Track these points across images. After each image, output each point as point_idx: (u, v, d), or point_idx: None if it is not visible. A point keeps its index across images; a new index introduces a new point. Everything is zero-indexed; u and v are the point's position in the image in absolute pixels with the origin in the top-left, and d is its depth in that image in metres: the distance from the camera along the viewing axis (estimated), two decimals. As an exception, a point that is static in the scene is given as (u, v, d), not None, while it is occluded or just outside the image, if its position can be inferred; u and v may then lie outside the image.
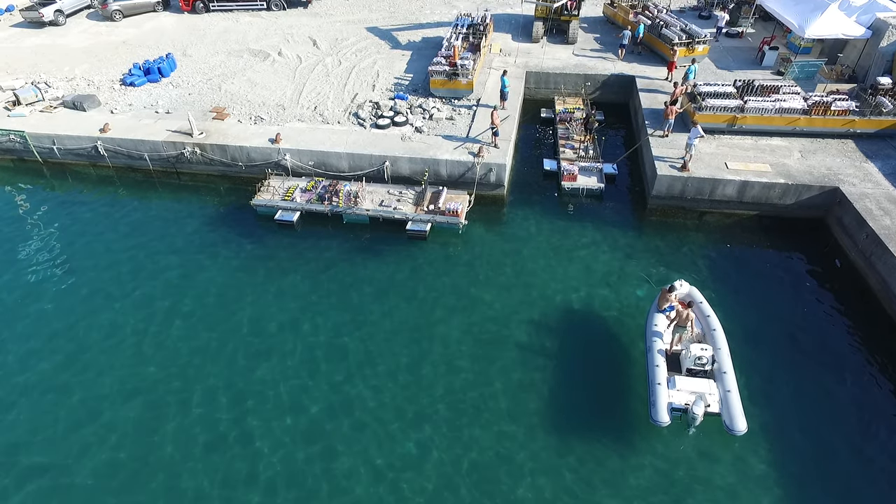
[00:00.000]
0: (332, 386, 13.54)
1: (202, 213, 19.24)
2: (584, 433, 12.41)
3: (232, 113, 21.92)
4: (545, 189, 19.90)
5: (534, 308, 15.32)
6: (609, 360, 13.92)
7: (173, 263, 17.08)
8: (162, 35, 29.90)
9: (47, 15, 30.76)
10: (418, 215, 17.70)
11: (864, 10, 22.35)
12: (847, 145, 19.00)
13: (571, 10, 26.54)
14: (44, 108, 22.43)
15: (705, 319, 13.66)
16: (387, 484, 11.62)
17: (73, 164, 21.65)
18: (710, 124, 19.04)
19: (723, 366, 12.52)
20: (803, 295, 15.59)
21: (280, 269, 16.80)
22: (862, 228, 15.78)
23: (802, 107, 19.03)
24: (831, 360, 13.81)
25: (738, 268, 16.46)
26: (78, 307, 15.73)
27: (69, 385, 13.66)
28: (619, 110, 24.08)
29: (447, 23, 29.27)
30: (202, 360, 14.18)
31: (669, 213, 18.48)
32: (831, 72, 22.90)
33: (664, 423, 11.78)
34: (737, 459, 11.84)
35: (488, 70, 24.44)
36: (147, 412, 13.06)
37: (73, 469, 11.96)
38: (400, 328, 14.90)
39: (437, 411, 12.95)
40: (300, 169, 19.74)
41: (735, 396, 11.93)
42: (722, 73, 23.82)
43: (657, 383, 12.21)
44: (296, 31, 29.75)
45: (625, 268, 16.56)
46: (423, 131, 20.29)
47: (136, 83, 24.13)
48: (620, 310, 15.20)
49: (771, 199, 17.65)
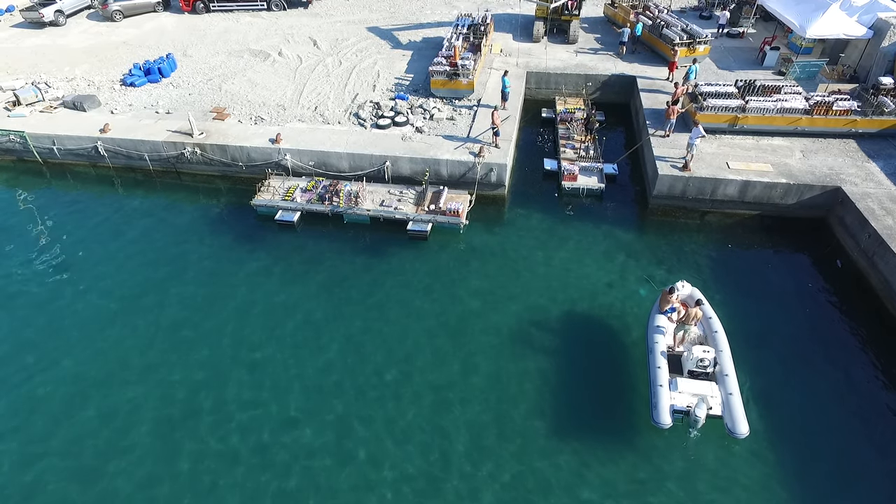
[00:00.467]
0: (331, 386, 13.49)
1: (202, 213, 19.21)
2: (585, 434, 12.35)
3: (232, 113, 21.89)
4: (546, 189, 19.84)
5: (535, 308, 15.27)
6: (610, 361, 13.87)
7: (173, 264, 17.02)
8: (162, 35, 29.88)
9: (47, 15, 30.77)
10: (419, 215, 17.66)
11: (866, 10, 22.35)
12: (849, 145, 18.95)
13: (572, 10, 26.52)
14: (44, 108, 22.42)
15: (707, 321, 13.63)
16: (377, 493, 11.56)
17: (73, 164, 21.62)
18: (711, 124, 19.01)
19: (725, 368, 12.48)
20: (805, 295, 15.53)
21: (280, 269, 16.76)
22: (864, 228, 15.73)
23: (804, 107, 19.00)
24: (833, 360, 13.75)
25: (740, 268, 16.40)
26: (76, 307, 15.68)
27: (62, 382, 13.62)
28: (620, 110, 24.04)
29: (448, 23, 29.27)
30: (200, 360, 14.13)
31: (671, 213, 18.43)
32: (832, 72, 22.86)
33: (666, 425, 11.75)
34: (738, 462, 11.77)
35: (489, 70, 24.42)
36: (150, 411, 13.02)
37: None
38: (399, 329, 14.84)
39: (434, 412, 12.89)
40: (300, 169, 19.71)
41: (737, 399, 11.90)
42: (723, 74, 23.78)
43: (659, 385, 12.17)
44: (296, 31, 29.72)
45: (626, 268, 16.51)
46: (424, 131, 20.25)
47: (136, 83, 24.11)
48: (622, 310, 15.15)
49: (772, 198, 17.60)
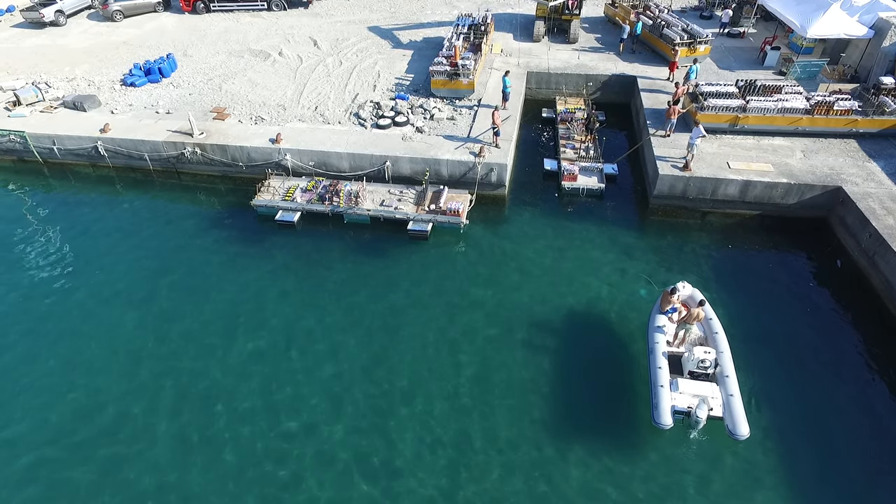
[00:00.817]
0: (331, 385, 13.48)
1: (202, 213, 19.19)
2: (584, 434, 12.33)
3: (232, 113, 21.87)
4: (546, 189, 19.82)
5: (535, 308, 15.25)
6: (610, 361, 13.85)
7: (173, 264, 17.01)
8: (162, 35, 29.88)
9: (48, 15, 30.76)
10: (419, 215, 17.64)
11: (867, 9, 22.30)
12: (850, 145, 18.92)
13: (572, 9, 26.52)
14: (44, 108, 22.41)
15: (707, 322, 13.60)
16: (380, 489, 11.55)
17: (74, 164, 21.61)
18: (712, 124, 18.98)
19: (725, 369, 12.45)
20: (806, 295, 15.51)
21: (281, 269, 16.74)
22: (865, 228, 15.71)
23: (805, 106, 18.97)
24: (834, 361, 13.73)
25: (740, 268, 16.38)
26: (77, 308, 15.67)
27: (69, 385, 13.62)
28: (621, 110, 24.01)
29: (448, 23, 29.28)
30: (202, 360, 14.13)
31: (671, 213, 18.41)
32: (833, 72, 22.83)
33: (667, 426, 11.72)
34: (738, 464, 11.74)
35: (489, 70, 24.40)
36: (151, 407, 13.02)
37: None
38: (401, 328, 14.83)
39: (436, 410, 12.88)
40: (301, 169, 19.69)
41: (738, 400, 11.87)
42: (723, 74, 23.74)
43: (660, 385, 12.15)
44: (296, 31, 29.71)
45: (626, 268, 16.48)
46: (424, 131, 20.23)
47: (136, 83, 24.10)
48: (622, 310, 15.13)
49: (773, 198, 17.58)
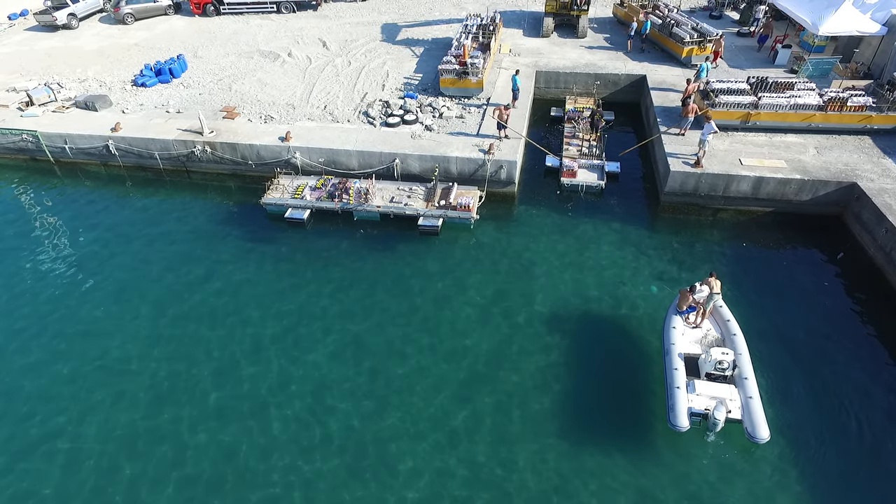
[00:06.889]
0: (342, 381, 13.40)
1: (212, 211, 19.23)
2: (599, 435, 12.11)
3: (242, 112, 21.95)
4: (553, 186, 19.70)
5: (547, 305, 15.12)
6: (624, 359, 13.65)
7: (183, 263, 17.02)
8: (173, 37, 30.11)
9: (61, 18, 31.10)
10: (430, 210, 17.56)
11: (879, 6, 22.11)
12: (864, 141, 18.70)
13: (581, 5, 26.77)
14: (56, 108, 22.59)
15: (725, 323, 13.36)
16: (397, 484, 11.45)
17: (85, 163, 21.74)
18: (723, 121, 18.81)
19: (744, 371, 12.19)
20: (822, 293, 15.27)
21: (292, 266, 16.71)
22: (881, 224, 15.47)
23: (818, 103, 18.79)
24: (852, 361, 13.46)
25: (754, 266, 16.16)
26: (88, 306, 15.70)
27: (78, 379, 13.63)
28: (631, 109, 23.91)
29: (457, 20, 29.47)
30: (211, 357, 14.10)
31: (683, 210, 18.24)
32: (846, 69, 22.62)
33: (683, 428, 11.44)
34: (758, 467, 11.48)
35: (498, 69, 24.37)
36: (153, 408, 13.00)
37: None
38: (413, 323, 14.74)
39: (448, 408, 12.76)
40: (310, 167, 19.70)
41: (757, 403, 11.60)
42: (734, 72, 23.57)
43: (676, 387, 11.90)
44: (306, 32, 29.85)
45: (638, 265, 16.32)
46: (434, 129, 20.19)
47: (147, 84, 24.25)
48: (634, 307, 14.96)
49: (786, 195, 17.38)
